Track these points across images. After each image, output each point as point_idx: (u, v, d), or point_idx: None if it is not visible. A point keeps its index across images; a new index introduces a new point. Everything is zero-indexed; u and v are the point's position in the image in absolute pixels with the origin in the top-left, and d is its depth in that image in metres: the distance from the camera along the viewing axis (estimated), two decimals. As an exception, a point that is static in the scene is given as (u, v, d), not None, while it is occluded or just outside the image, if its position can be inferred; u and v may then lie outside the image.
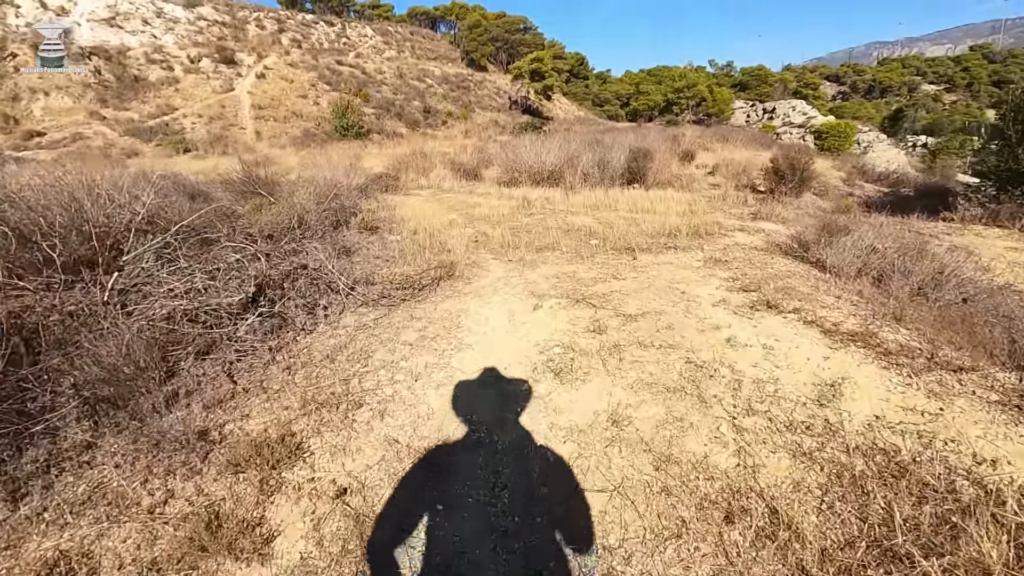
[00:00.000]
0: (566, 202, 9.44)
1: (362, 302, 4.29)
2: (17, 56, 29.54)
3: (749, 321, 3.74)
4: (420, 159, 16.78)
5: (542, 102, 48.67)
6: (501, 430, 2.75)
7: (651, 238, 6.51)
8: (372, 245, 6.47)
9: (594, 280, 4.75)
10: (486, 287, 4.70)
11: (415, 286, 4.55)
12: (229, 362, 3.33)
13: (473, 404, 2.98)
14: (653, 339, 3.52)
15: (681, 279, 4.66)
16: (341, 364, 3.36)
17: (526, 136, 30.53)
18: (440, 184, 12.44)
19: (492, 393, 3.08)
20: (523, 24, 62.39)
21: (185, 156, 24.31)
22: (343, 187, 10.52)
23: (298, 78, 35.89)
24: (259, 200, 7.43)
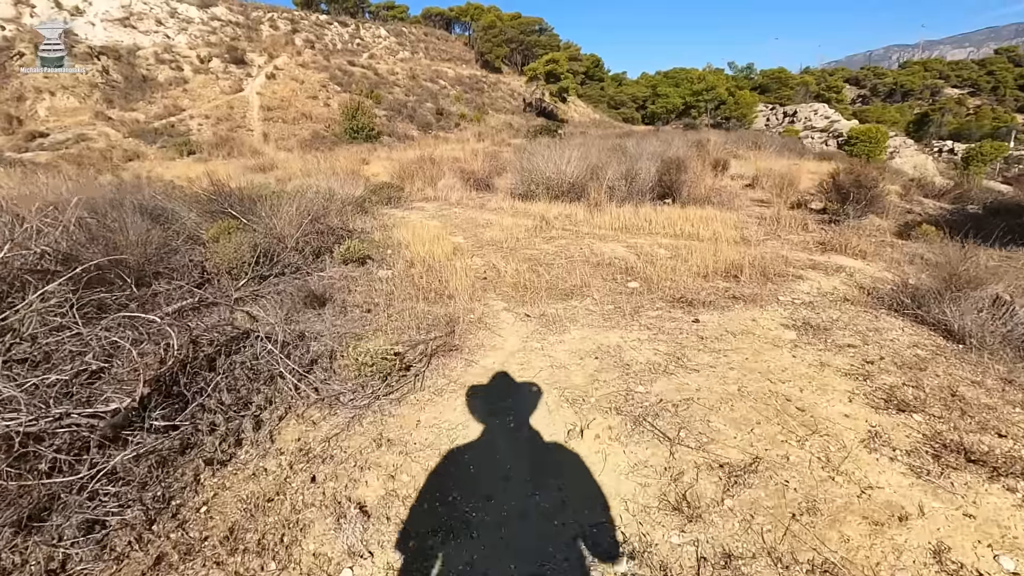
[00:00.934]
0: (591, 222, 8.03)
1: (316, 399, 2.91)
2: (24, 55, 28.65)
3: (952, 502, 2.13)
4: (428, 166, 15.44)
5: (557, 104, 47.20)
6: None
7: (706, 280, 5.09)
8: (355, 286, 5.11)
9: (651, 369, 3.26)
10: (494, 376, 3.29)
11: (396, 368, 3.17)
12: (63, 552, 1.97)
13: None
14: (793, 547, 1.96)
15: (781, 372, 3.15)
16: (249, 552, 1.99)
17: (541, 140, 29.13)
18: (448, 196, 11.09)
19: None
20: (539, 25, 60.93)
21: (188, 159, 23.21)
22: (339, 200, 9.22)
23: (309, 79, 34.75)
24: (227, 223, 6.11)
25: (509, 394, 3.08)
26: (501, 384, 3.19)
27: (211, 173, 18.32)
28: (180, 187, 12.33)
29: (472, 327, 4.02)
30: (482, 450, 2.58)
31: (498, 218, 8.72)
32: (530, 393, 3.06)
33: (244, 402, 2.90)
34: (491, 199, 10.77)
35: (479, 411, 2.89)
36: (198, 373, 3.02)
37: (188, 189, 9.55)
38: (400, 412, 2.82)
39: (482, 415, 2.85)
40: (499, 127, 38.27)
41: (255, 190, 9.35)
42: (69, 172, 17.36)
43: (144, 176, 16.37)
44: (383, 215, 9.37)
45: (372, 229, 7.72)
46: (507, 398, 3.03)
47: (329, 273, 5.41)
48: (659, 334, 3.73)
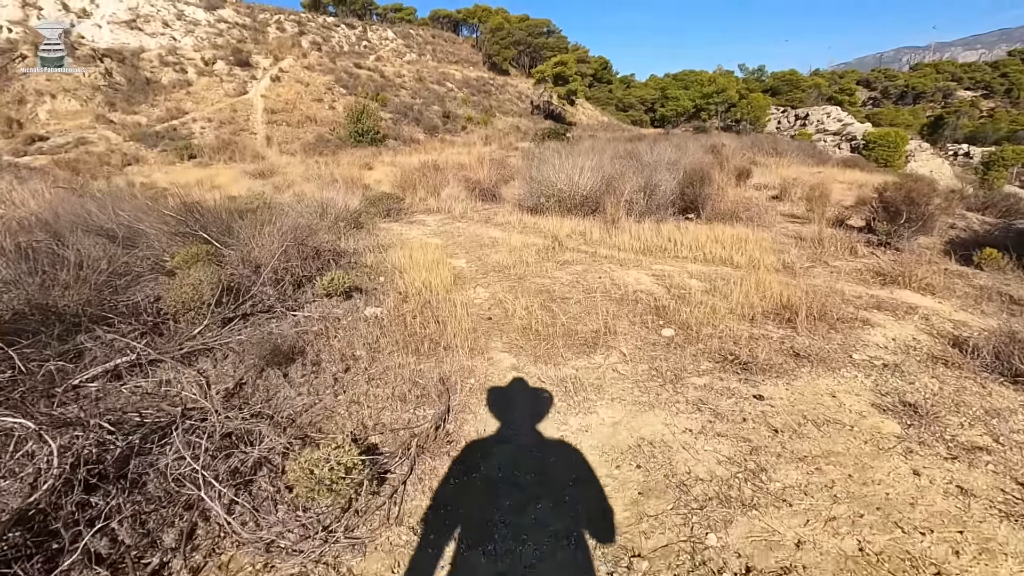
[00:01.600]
0: (608, 242, 7.15)
1: (246, 539, 2.06)
2: (27, 58, 28.06)
3: None
4: (432, 173, 14.61)
5: (565, 107, 46.30)
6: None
7: (753, 324, 4.20)
8: (336, 329, 4.26)
9: (720, 495, 2.28)
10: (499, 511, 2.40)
11: (365, 482, 2.30)
12: None
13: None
14: None
15: (908, 507, 2.13)
16: None
17: (550, 145, 28.28)
18: (452, 207, 10.24)
19: None
20: (547, 27, 60.03)
21: (188, 163, 22.51)
22: (332, 214, 8.40)
23: (314, 81, 34.03)
24: (196, 250, 5.29)
25: (520, 535, 2.20)
26: (508, 517, 2.32)
27: (208, 179, 17.59)
28: (169, 197, 11.56)
29: (472, 400, 3.15)
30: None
31: (505, 235, 7.85)
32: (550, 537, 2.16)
33: (151, 542, 2.05)
34: (498, 211, 9.92)
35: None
36: (97, 488, 2.18)
37: (173, 201, 8.76)
38: (364, 570, 1.96)
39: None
40: (506, 130, 37.43)
41: (241, 203, 8.56)
42: (61, 177, 16.68)
43: (138, 183, 15.63)
44: (381, 230, 8.53)
45: (365, 250, 6.87)
46: (518, 544, 2.16)
47: (306, 313, 4.56)
48: (715, 420, 2.82)
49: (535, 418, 2.98)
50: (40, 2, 42.70)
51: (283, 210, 8.78)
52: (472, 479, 2.46)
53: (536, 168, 10.08)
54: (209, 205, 6.87)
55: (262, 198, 9.23)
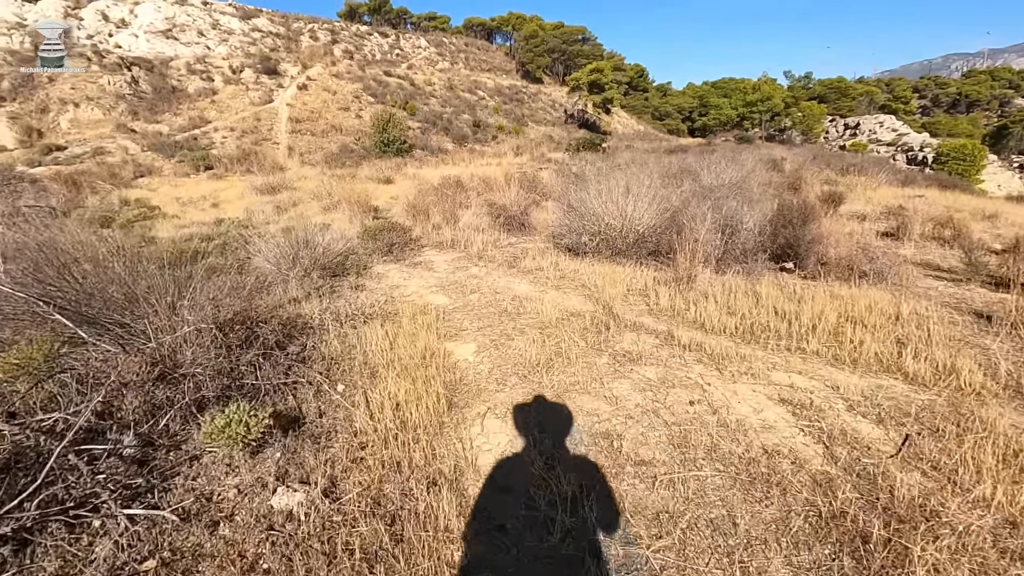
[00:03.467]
0: (686, 313, 4.81)
1: None
2: (52, 66, 27.09)
3: None
4: (452, 191, 12.44)
5: (600, 116, 43.84)
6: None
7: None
8: (204, 548, 2.06)
9: None
10: None
11: None
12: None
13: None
14: None
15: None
16: None
17: (585, 156, 25.95)
18: (470, 241, 8.02)
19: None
20: (582, 35, 57.72)
21: (203, 174, 20.93)
22: (309, 257, 6.27)
23: (342, 89, 32.43)
24: (40, 350, 3.19)
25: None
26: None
27: (213, 195, 15.81)
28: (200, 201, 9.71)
29: None
30: None
31: (536, 292, 5.58)
32: None
33: None
34: (527, 247, 7.67)
35: None
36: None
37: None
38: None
39: None
40: (539, 140, 35.21)
41: (189, 245, 6.52)
42: (55, 192, 15.15)
43: (132, 200, 13.92)
44: (372, 278, 6.36)
45: (338, 319, 4.68)
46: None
47: (152, 511, 2.35)
48: None
49: None
50: (82, 13, 42.49)
51: (246, 251, 6.70)
52: None
53: (575, 192, 7.77)
54: (149, 251, 4.77)
55: (227, 234, 7.20)
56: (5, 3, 40.65)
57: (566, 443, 2.93)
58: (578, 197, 7.49)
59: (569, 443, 2.93)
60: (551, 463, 2.73)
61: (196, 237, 8.35)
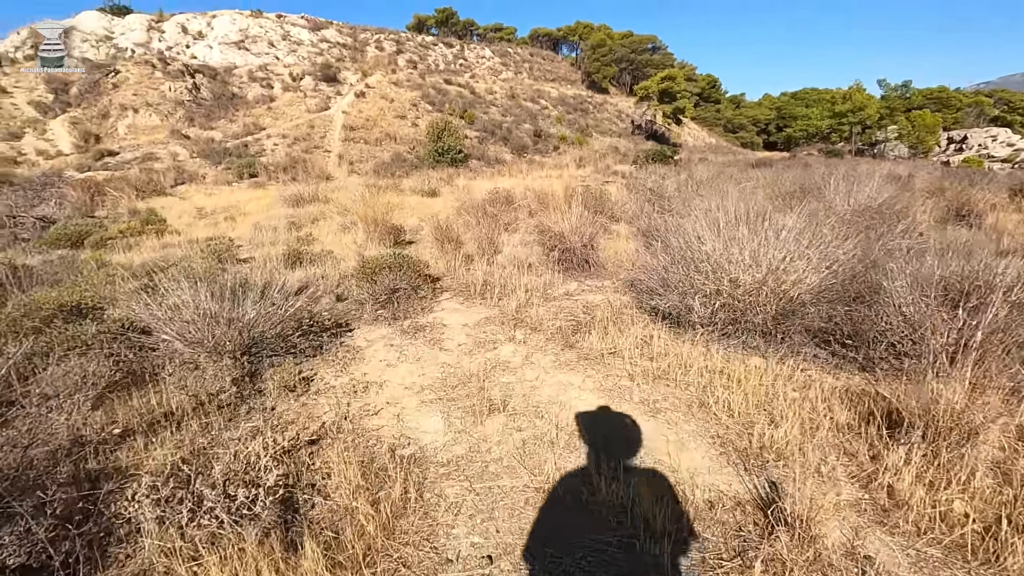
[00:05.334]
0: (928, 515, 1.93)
1: None
2: (119, 73, 26.81)
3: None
4: (500, 209, 9.87)
5: (670, 127, 40.29)
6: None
7: None
8: None
9: None
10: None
11: None
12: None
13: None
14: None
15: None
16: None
17: (655, 169, 22.87)
18: (508, 289, 5.36)
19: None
20: (652, 43, 54.33)
21: (245, 182, 19.39)
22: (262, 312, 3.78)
23: (399, 97, 30.74)
24: None
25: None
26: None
27: (241, 205, 13.95)
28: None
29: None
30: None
31: (615, 416, 2.84)
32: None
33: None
34: (593, 300, 4.93)
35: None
36: None
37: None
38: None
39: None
40: (603, 151, 32.25)
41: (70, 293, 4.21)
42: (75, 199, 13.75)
43: (144, 210, 12.19)
44: (340, 359, 3.81)
45: (176, 502, 2.12)
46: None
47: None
48: None
49: None
50: (163, 26, 43.36)
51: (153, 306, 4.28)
52: None
53: (674, 225, 4.96)
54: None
55: (179, 265, 4.88)
56: (96, 18, 42.02)
57: None
58: (678, 231, 4.67)
59: None
60: None
61: (146, 266, 6.12)
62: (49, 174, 18.20)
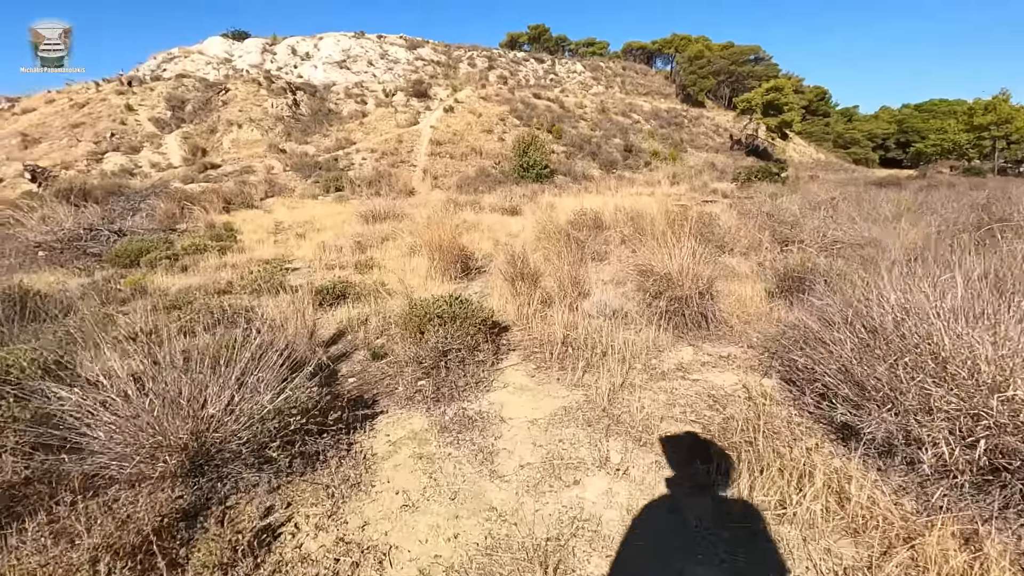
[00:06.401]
0: None
1: None
2: (229, 91, 28.20)
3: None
4: (588, 234, 8.38)
5: (774, 141, 36.79)
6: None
7: None
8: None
9: None
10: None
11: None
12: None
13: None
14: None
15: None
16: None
17: (760, 187, 20.42)
18: (596, 354, 3.85)
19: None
20: (754, 54, 50.64)
21: (330, 196, 19.23)
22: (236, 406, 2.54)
23: (488, 112, 30.10)
24: None
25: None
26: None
27: (318, 220, 13.42)
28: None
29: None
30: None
31: None
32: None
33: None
34: (720, 384, 3.31)
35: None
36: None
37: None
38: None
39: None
40: (699, 167, 29.77)
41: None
42: (162, 210, 13.86)
43: (220, 224, 11.90)
44: (342, 475, 2.46)
45: None
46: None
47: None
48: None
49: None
50: (276, 48, 46.04)
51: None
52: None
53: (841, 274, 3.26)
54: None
55: (192, 305, 3.90)
56: (219, 43, 45.41)
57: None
58: (866, 297, 2.96)
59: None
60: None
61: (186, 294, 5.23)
62: (157, 185, 18.98)
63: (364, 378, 3.74)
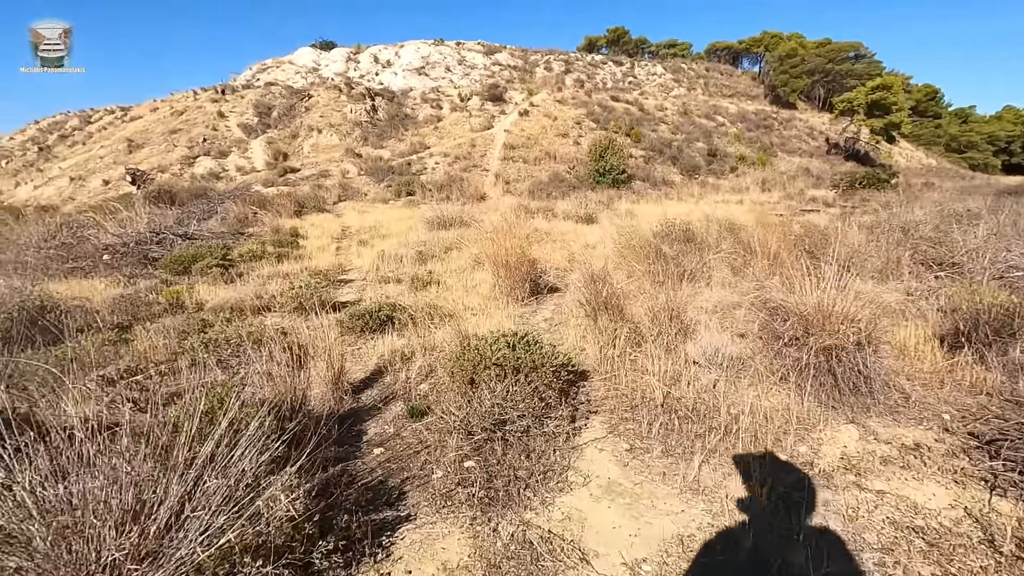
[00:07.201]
0: None
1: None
2: (312, 97, 28.86)
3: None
4: (681, 248, 7.08)
5: (878, 144, 33.06)
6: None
7: None
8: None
9: None
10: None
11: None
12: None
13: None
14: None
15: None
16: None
17: (866, 196, 18.03)
18: (717, 417, 2.68)
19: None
20: (855, 51, 46.22)
21: (402, 200, 18.86)
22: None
23: (563, 115, 28.97)
24: None
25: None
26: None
27: (383, 226, 12.87)
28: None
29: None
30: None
31: None
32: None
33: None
34: (927, 528, 2.02)
35: None
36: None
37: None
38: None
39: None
40: (792, 172, 27.12)
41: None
42: (235, 213, 13.84)
43: (287, 228, 11.57)
44: None
45: None
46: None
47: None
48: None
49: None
50: (359, 56, 47.29)
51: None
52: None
53: None
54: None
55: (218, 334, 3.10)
56: (308, 53, 47.28)
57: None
58: None
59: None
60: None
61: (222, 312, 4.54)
62: (239, 188, 19.41)
63: (394, 449, 2.77)
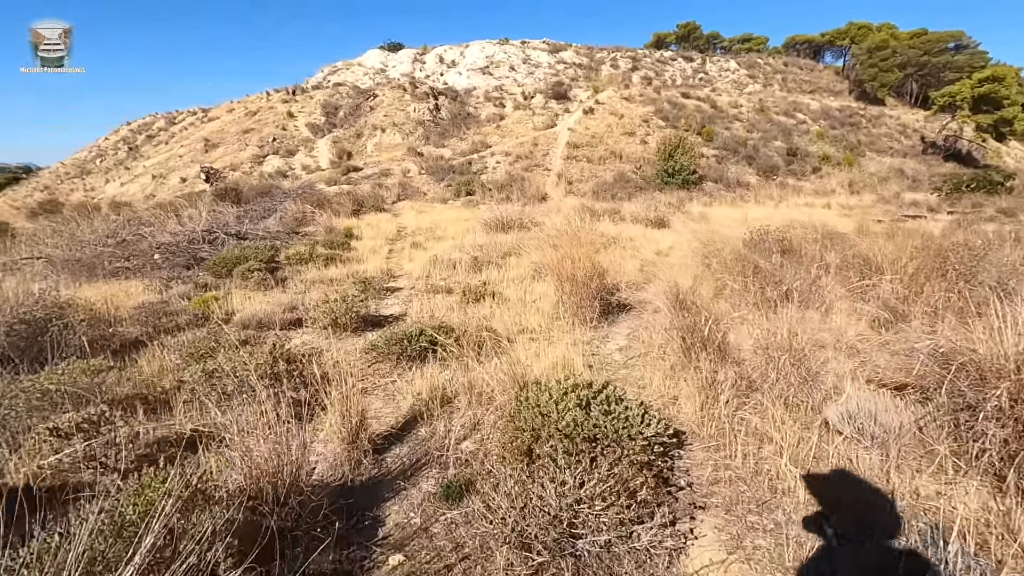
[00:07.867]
0: None
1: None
2: (377, 96, 28.95)
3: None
4: (780, 260, 5.91)
5: (984, 143, 29.46)
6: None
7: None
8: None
9: None
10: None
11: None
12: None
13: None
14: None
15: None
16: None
17: (977, 202, 15.82)
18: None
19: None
20: (955, 41, 41.74)
21: (461, 200, 18.31)
22: None
23: (630, 113, 27.57)
24: None
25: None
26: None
27: (439, 227, 12.23)
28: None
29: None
30: None
31: None
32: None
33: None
34: None
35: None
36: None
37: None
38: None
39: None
40: (883, 174, 24.53)
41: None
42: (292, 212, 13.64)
43: (343, 229, 11.14)
44: None
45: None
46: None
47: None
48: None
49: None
50: (425, 57, 47.50)
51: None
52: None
53: None
54: None
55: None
56: (377, 55, 47.98)
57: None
58: None
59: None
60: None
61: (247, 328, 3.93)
62: (304, 186, 19.46)
63: (417, 558, 1.95)
